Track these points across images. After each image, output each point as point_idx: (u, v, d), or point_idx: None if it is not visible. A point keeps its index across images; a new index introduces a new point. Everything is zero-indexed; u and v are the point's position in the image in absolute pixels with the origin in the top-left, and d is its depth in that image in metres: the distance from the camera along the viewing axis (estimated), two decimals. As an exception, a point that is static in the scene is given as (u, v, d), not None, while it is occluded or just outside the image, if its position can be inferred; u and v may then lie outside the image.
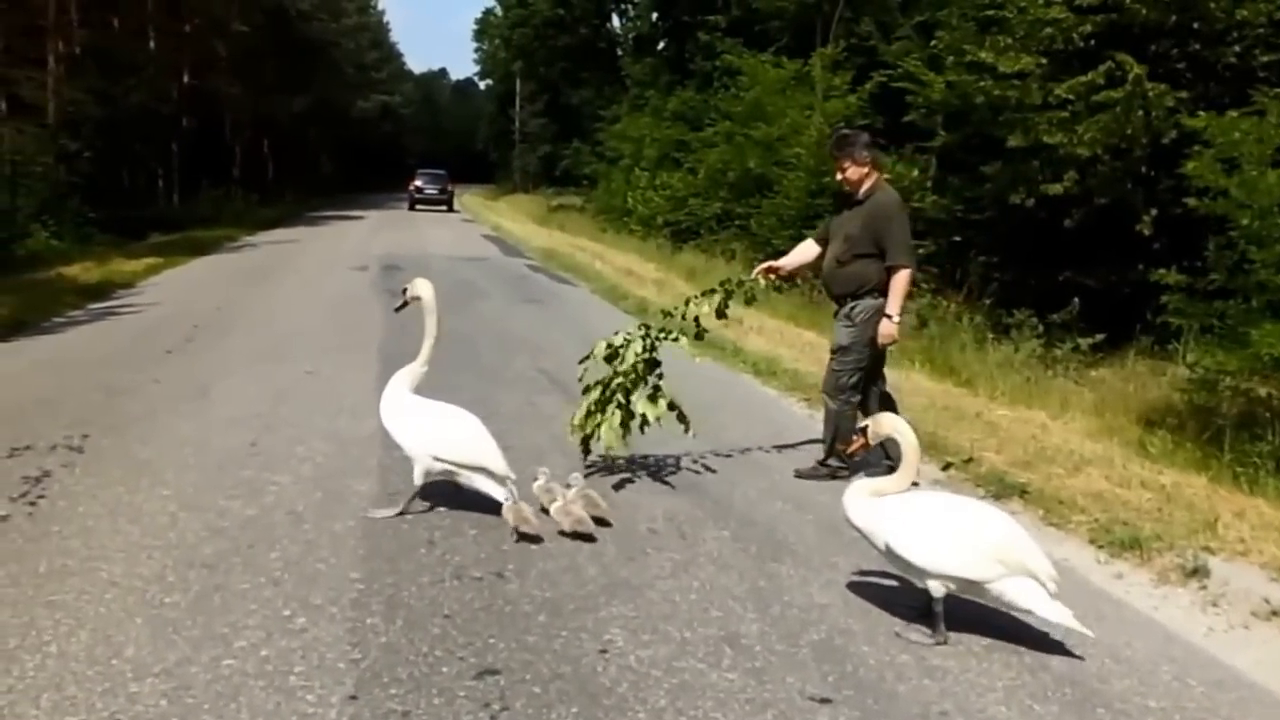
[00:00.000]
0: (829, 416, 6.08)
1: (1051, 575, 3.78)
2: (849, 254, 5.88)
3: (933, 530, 3.81)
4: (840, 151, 6.00)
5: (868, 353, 5.96)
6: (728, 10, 32.82)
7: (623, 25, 49.49)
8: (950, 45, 17.26)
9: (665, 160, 29.05)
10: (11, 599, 3.85)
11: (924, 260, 17.55)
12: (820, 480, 5.98)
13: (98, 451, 5.91)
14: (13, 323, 10.59)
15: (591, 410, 5.68)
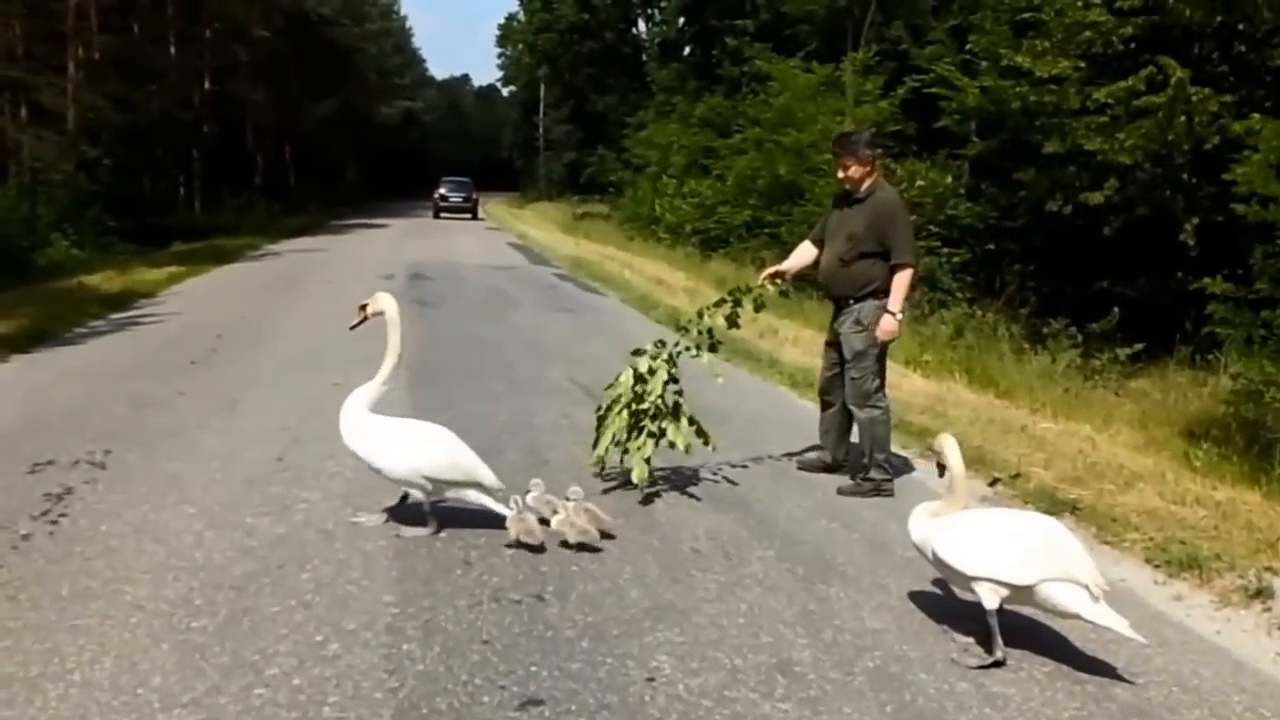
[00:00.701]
0: (862, 428, 6.02)
1: (1098, 582, 3.72)
2: (853, 253, 5.87)
3: (978, 534, 3.86)
4: (843, 150, 5.99)
5: (882, 353, 6.00)
6: (756, 15, 32.79)
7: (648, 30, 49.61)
8: (985, 49, 17.12)
9: (693, 167, 28.99)
10: (34, 623, 3.76)
11: (958, 268, 17.44)
12: (865, 497, 5.87)
13: (122, 467, 5.84)
14: (35, 333, 10.55)
15: (618, 439, 5.55)
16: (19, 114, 22.02)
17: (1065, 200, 14.22)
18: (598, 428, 5.69)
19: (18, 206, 19.46)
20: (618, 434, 5.54)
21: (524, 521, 4.64)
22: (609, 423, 5.59)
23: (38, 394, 7.88)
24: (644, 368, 5.59)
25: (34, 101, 22.35)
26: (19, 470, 5.67)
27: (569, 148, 58.53)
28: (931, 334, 12.86)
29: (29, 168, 21.25)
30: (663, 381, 5.55)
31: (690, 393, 6.21)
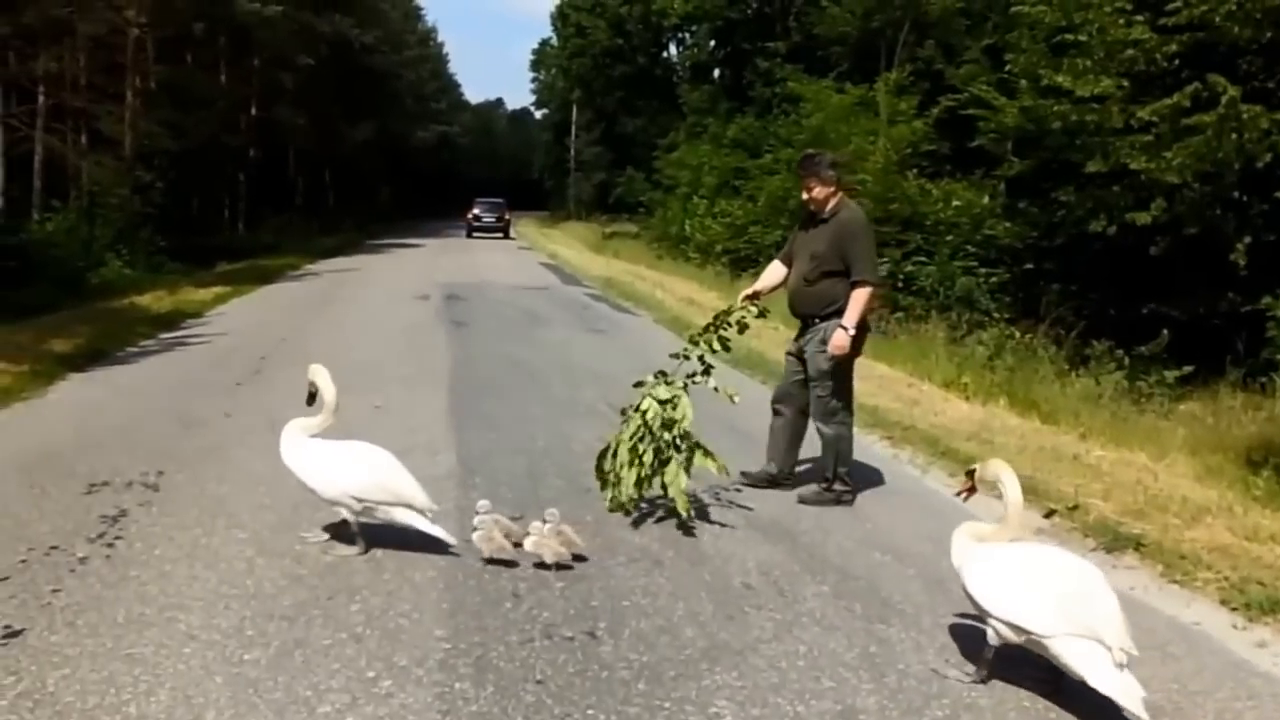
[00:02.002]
0: (826, 443, 6.02)
1: (1124, 646, 3.38)
2: (816, 272, 5.88)
3: (1002, 572, 3.67)
4: (806, 171, 6.01)
5: (846, 370, 6.00)
6: (787, 37, 32.70)
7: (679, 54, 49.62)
8: (1024, 69, 16.89)
9: (724, 188, 28.89)
10: (91, 651, 3.69)
11: (996, 289, 17.21)
12: (825, 505, 5.94)
13: (173, 488, 5.79)
14: (90, 351, 10.62)
15: (644, 476, 5.40)
16: (80, 141, 22.36)
17: (1109, 220, 13.93)
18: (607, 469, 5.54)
19: (77, 228, 19.76)
20: (643, 471, 5.39)
21: (494, 540, 4.63)
22: (630, 461, 5.40)
23: (92, 412, 7.89)
24: (665, 395, 5.46)
25: (94, 129, 22.73)
26: (76, 491, 5.66)
27: (599, 169, 58.65)
28: (969, 354, 12.64)
29: (88, 191, 21.55)
30: (688, 407, 5.42)
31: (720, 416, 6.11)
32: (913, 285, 17.83)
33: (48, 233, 19.14)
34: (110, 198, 21.78)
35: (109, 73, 23.00)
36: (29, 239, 18.18)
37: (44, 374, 9.15)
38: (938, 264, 17.78)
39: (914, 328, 14.74)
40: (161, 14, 23.98)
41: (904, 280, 17.96)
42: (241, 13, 27.29)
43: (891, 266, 18.13)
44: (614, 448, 5.52)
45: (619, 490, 5.45)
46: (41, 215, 20.05)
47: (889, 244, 18.56)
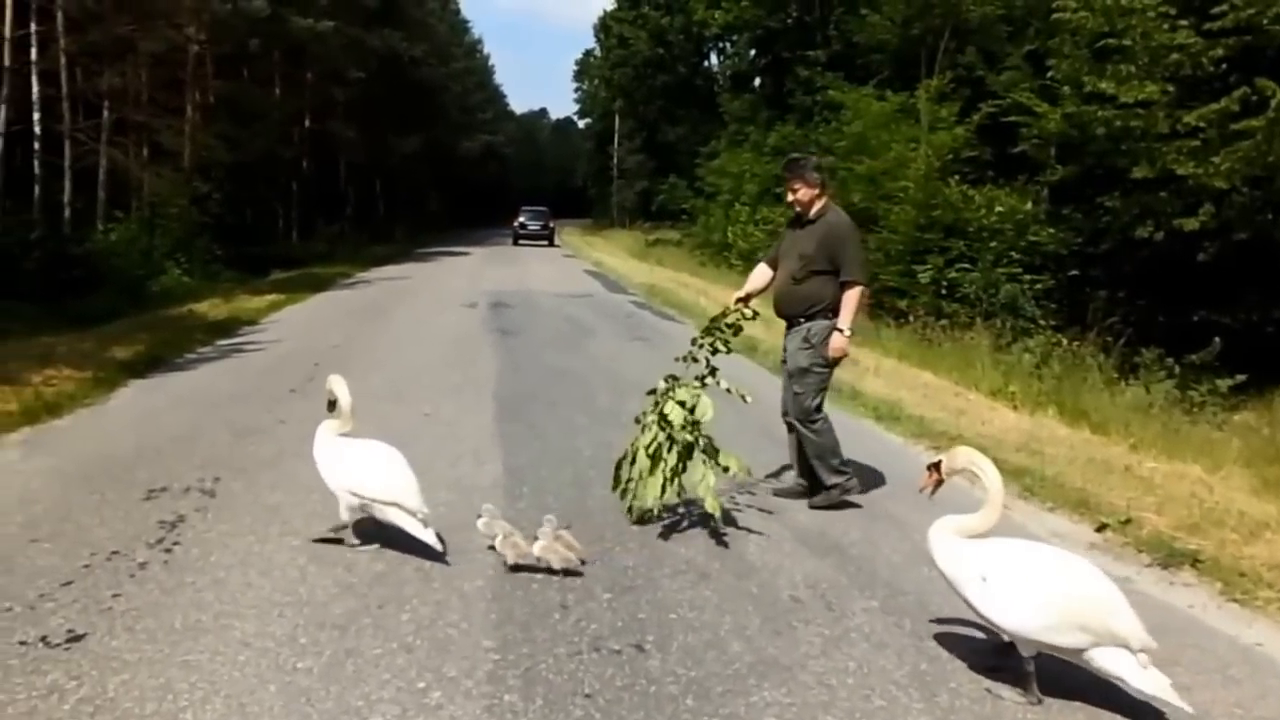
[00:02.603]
0: (808, 446, 6.04)
1: (1145, 644, 3.45)
2: (804, 272, 5.93)
3: (1018, 591, 3.57)
4: (791, 174, 6.09)
5: (827, 372, 6.02)
6: (827, 45, 32.47)
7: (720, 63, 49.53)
8: (1066, 75, 16.63)
9: (766, 195, 28.73)
10: (149, 657, 3.71)
11: (1041, 295, 16.94)
12: (837, 507, 5.95)
13: (229, 495, 5.81)
14: (150, 359, 10.74)
15: (667, 479, 5.33)
16: (142, 153, 22.74)
17: (1156, 226, 13.64)
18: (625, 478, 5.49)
19: (138, 238, 20.07)
20: (666, 475, 5.33)
21: (517, 546, 4.64)
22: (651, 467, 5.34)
23: (151, 419, 7.96)
24: (684, 397, 5.42)
25: (155, 142, 23.10)
26: (136, 497, 5.71)
27: (641, 176, 58.63)
28: (1015, 363, 12.42)
29: (149, 202, 21.90)
30: (710, 408, 5.38)
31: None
32: (956, 292, 17.59)
33: (111, 242, 19.46)
34: (170, 208, 22.08)
35: (170, 88, 23.36)
36: (93, 249, 18.50)
37: (106, 381, 9.27)
38: (981, 271, 17.53)
39: (958, 335, 14.52)
40: (220, 31, 24.31)
41: (947, 287, 17.72)
42: (296, 29, 27.56)
43: (934, 273, 17.93)
44: (631, 455, 5.48)
45: (641, 498, 5.39)
46: (105, 225, 20.38)
47: (932, 251, 18.36)
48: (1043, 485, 6.67)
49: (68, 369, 9.43)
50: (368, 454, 4.98)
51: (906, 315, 16.85)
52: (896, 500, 6.24)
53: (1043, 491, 6.57)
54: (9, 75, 17.15)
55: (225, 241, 23.42)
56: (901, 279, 18.44)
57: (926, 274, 17.96)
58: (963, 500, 6.32)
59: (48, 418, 7.77)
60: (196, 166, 24.00)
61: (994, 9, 23.20)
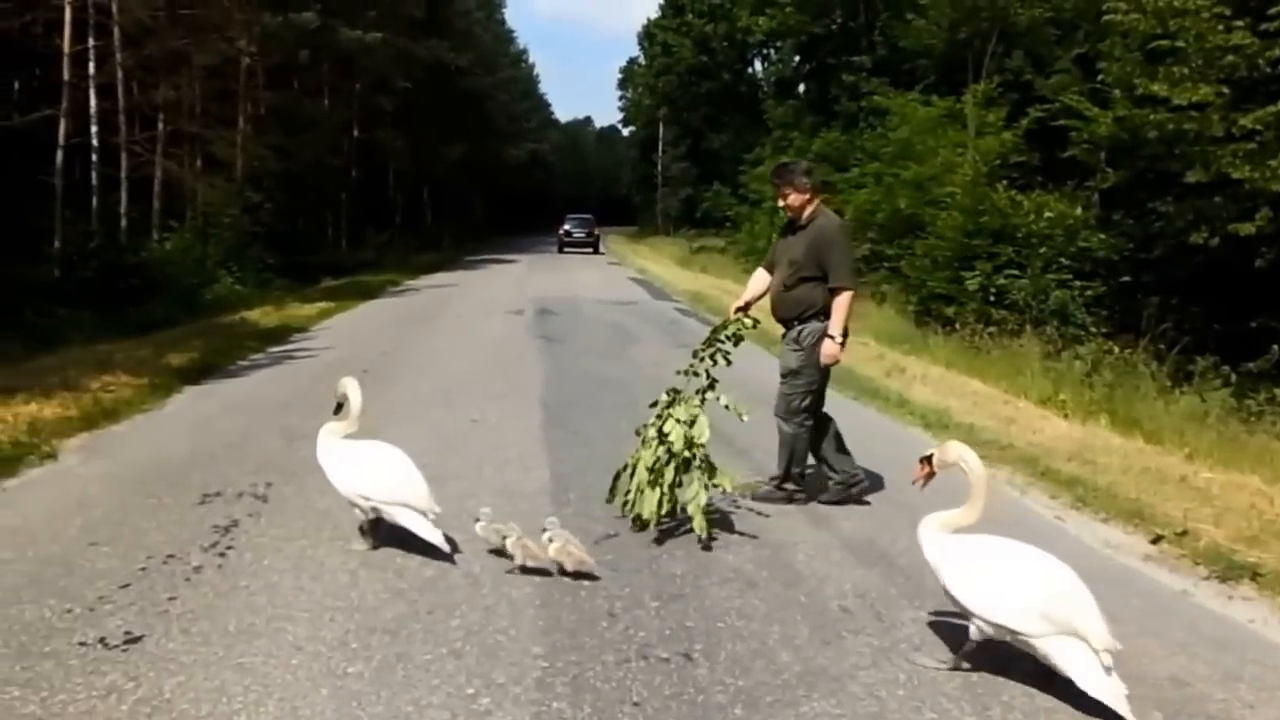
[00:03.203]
0: (783, 440, 6.12)
1: (1108, 645, 3.49)
2: (794, 278, 5.98)
3: (986, 574, 3.73)
4: (780, 180, 6.13)
5: (817, 375, 6.04)
6: (872, 51, 32.23)
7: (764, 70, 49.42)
8: (1117, 78, 16.36)
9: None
10: (204, 660, 3.76)
11: (1091, 302, 16.65)
12: (777, 503, 5.98)
13: (281, 500, 5.89)
14: (203, 366, 10.93)
15: (666, 493, 5.31)
16: (195, 164, 23.12)
17: (1211, 232, 13.35)
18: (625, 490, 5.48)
19: (192, 247, 20.41)
20: (664, 491, 5.31)
21: (527, 548, 4.66)
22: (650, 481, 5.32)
23: (204, 425, 8.10)
24: (684, 416, 5.39)
25: (208, 153, 23.49)
26: (190, 501, 5.81)
27: (685, 184, 58.57)
28: (1065, 370, 12.24)
29: (202, 212, 22.26)
30: (705, 425, 5.37)
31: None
32: (1005, 299, 17.35)
33: (166, 251, 19.79)
34: (223, 218, 22.44)
35: (222, 100, 23.77)
36: (149, 258, 18.84)
37: (162, 387, 9.45)
38: (1030, 277, 17.26)
39: (1007, 342, 14.33)
40: (270, 43, 24.66)
41: (995, 293, 17.49)
42: (344, 40, 27.88)
43: (982, 280, 17.70)
44: (631, 468, 5.47)
45: (639, 508, 5.36)
46: (160, 235, 20.74)
47: (979, 257, 18.12)
48: (1095, 496, 6.56)
49: (125, 376, 9.60)
50: (374, 456, 5.02)
51: (954, 322, 16.64)
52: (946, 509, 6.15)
53: (1096, 502, 6.46)
54: (68, 89, 17.50)
55: (276, 250, 23.74)
56: (949, 285, 18.22)
57: (974, 280, 17.72)
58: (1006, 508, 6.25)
59: (106, 423, 7.94)
60: (248, 176, 24.34)
61: (1042, 12, 22.90)
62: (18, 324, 12.82)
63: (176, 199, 22.15)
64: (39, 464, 6.66)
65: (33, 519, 5.43)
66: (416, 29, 35.95)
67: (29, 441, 6.99)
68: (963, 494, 3.98)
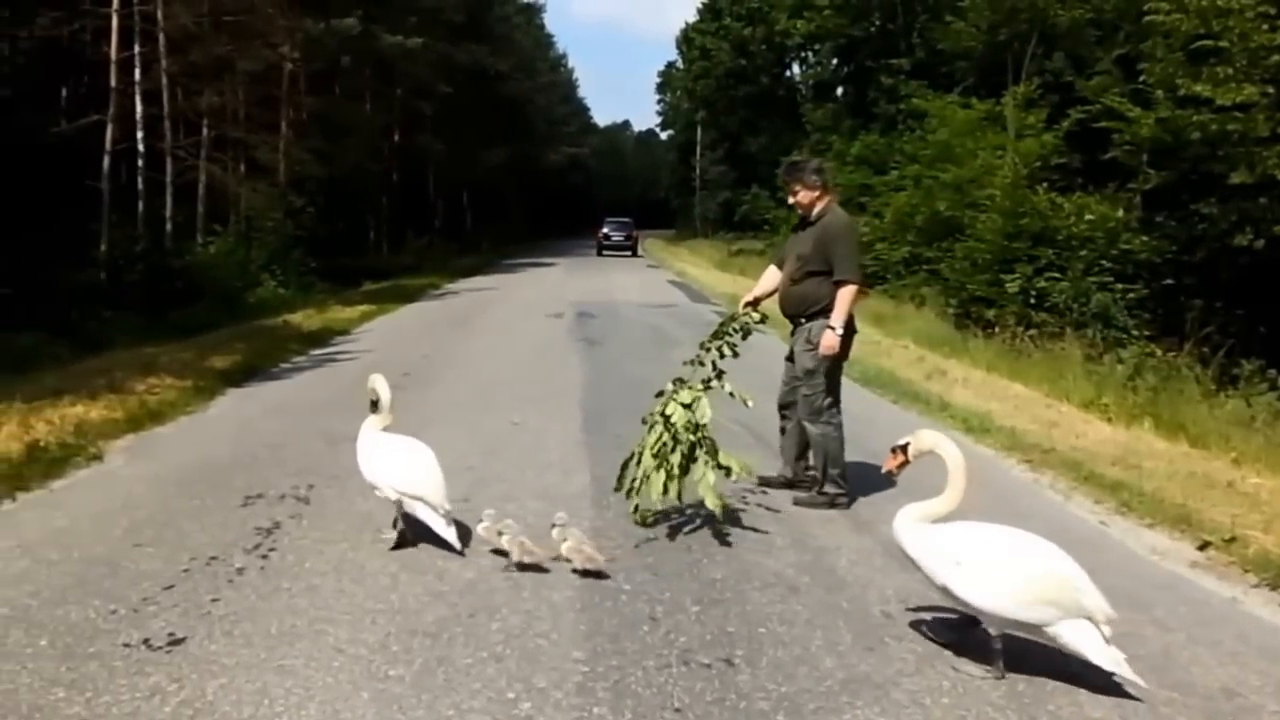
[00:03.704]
0: (814, 444, 6.10)
1: (1108, 615, 3.62)
2: (801, 272, 6.02)
3: (990, 572, 3.72)
4: (790, 177, 6.17)
5: (835, 371, 6.08)
6: (911, 53, 31.98)
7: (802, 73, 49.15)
8: (1160, 79, 16.10)
9: (849, 205, 28.25)
10: (246, 662, 3.75)
11: (1133, 305, 16.40)
12: (820, 509, 5.93)
13: (322, 503, 5.89)
14: (246, 368, 10.98)
15: (672, 475, 5.32)
16: (239, 169, 23.35)
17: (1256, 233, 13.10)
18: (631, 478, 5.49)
19: (235, 251, 20.61)
20: (670, 473, 5.32)
21: (523, 545, 4.69)
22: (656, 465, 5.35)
23: (247, 427, 8.13)
24: (687, 399, 5.45)
25: (251, 158, 23.71)
26: (233, 503, 5.82)
27: (723, 187, 58.38)
28: (1108, 374, 12.05)
29: (245, 216, 22.48)
30: (706, 407, 5.43)
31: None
32: (1045, 301, 17.14)
33: (210, 255, 20.01)
34: (265, 222, 22.65)
35: (265, 105, 23.99)
36: (193, 261, 19.05)
37: (205, 389, 9.51)
38: (1071, 279, 17.06)
39: (1048, 345, 14.14)
40: (312, 49, 24.88)
41: (1036, 296, 17.28)
42: (385, 46, 28.07)
43: (1023, 282, 17.50)
44: (637, 456, 5.49)
45: (646, 494, 5.38)
46: (204, 239, 20.96)
47: (1020, 259, 17.92)
48: (1141, 500, 6.42)
49: (169, 378, 9.68)
50: (399, 450, 5.13)
51: (994, 325, 16.47)
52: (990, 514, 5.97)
53: (1141, 507, 6.33)
54: (114, 95, 17.74)
55: (318, 254, 23.91)
56: (989, 288, 18.04)
57: (1015, 283, 17.54)
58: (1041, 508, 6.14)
59: (151, 425, 8.00)
60: (291, 181, 24.56)
61: (1083, 13, 22.61)
62: (65, 327, 12.97)
63: (220, 203, 22.38)
64: (85, 465, 6.72)
65: (79, 520, 5.47)
66: (457, 34, 36.13)
67: (75, 443, 7.05)
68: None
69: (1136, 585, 4.95)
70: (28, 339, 11.76)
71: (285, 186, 24.14)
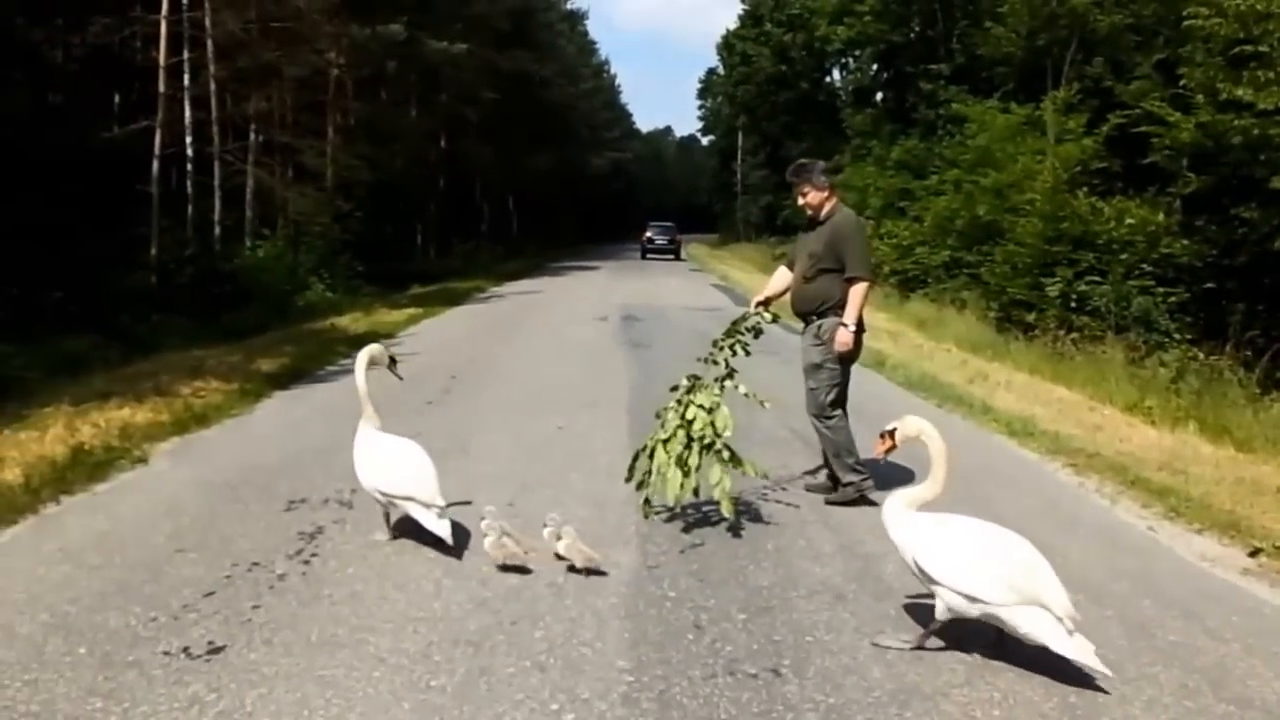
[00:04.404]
0: (823, 439, 6.13)
1: (1069, 612, 3.61)
2: (813, 270, 6.06)
3: (954, 546, 3.79)
4: (798, 178, 6.19)
5: (839, 368, 6.08)
6: (950, 58, 31.54)
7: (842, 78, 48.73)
8: (1201, 83, 15.70)
9: (889, 209, 28.04)
10: (286, 671, 3.65)
11: (1175, 309, 16.01)
12: (852, 504, 5.94)
13: (366, 507, 5.75)
14: (293, 371, 10.93)
15: (687, 472, 5.30)
16: (286, 174, 23.45)
17: (1298, 238, 12.74)
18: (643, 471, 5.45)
19: (284, 255, 20.69)
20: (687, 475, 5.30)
21: (505, 546, 4.65)
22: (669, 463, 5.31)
23: (293, 430, 8.06)
24: (708, 402, 5.43)
25: (299, 163, 23.82)
26: (277, 508, 5.74)
27: (765, 191, 57.98)
28: (1150, 377, 11.75)
29: (293, 221, 22.57)
30: (728, 418, 5.40)
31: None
32: (1086, 305, 16.79)
33: (258, 259, 20.08)
34: (313, 226, 22.70)
35: (312, 111, 24.08)
36: (242, 265, 19.14)
37: (252, 392, 9.45)
38: (1112, 283, 16.69)
39: (1089, 349, 13.84)
40: (359, 56, 24.92)
41: (1077, 300, 16.93)
42: (431, 52, 28.07)
43: (1063, 286, 17.16)
44: (650, 450, 5.44)
45: (661, 493, 5.37)
46: (253, 243, 21.06)
47: (1060, 263, 17.57)
48: (1189, 506, 6.21)
49: (216, 381, 9.64)
50: (388, 451, 5.11)
51: (1035, 328, 16.18)
52: (1037, 520, 5.85)
53: (1189, 513, 6.12)
54: (164, 101, 17.84)
55: (365, 257, 23.91)
56: (1029, 292, 17.71)
57: (1055, 286, 17.19)
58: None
59: (196, 428, 7.94)
60: (338, 186, 24.59)
61: (1122, 19, 22.15)
62: (116, 330, 12.98)
63: (268, 207, 22.47)
64: (130, 468, 6.66)
65: (123, 524, 5.40)
66: (501, 41, 36.15)
67: (120, 446, 6.99)
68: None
69: (1188, 593, 4.77)
70: (79, 342, 11.76)
71: (333, 191, 24.14)
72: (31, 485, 5.87)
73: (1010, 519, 5.82)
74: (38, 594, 4.34)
